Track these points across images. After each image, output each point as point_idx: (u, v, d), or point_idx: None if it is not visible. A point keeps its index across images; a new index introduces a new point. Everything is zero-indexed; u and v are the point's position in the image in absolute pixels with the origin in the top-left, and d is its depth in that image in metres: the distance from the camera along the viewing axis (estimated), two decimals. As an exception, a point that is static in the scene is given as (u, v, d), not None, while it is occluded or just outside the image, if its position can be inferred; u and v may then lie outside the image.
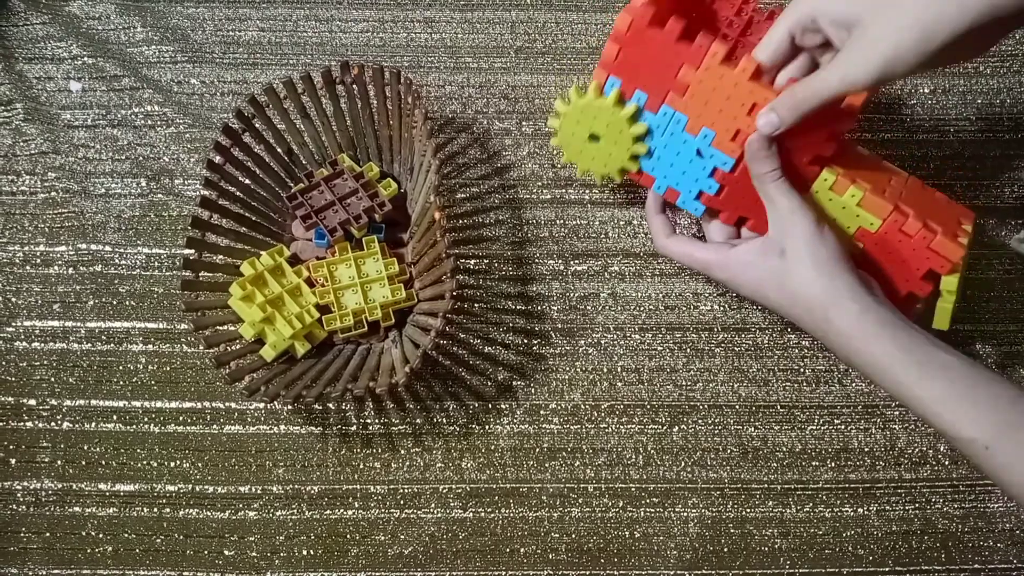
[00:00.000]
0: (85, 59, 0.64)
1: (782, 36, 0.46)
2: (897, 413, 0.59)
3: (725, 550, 0.56)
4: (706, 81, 0.47)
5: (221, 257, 0.57)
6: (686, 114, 0.49)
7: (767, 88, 0.46)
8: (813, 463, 0.58)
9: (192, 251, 0.54)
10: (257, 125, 0.58)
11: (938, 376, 0.42)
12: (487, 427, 0.58)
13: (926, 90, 0.65)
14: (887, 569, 0.56)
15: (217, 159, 0.55)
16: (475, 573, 0.56)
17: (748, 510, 0.57)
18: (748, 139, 0.47)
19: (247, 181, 0.58)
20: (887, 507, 0.57)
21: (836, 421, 0.59)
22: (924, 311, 0.51)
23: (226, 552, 0.56)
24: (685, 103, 0.49)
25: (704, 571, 0.56)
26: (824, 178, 0.49)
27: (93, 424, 0.58)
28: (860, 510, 0.57)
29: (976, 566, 0.56)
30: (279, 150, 0.60)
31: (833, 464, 0.58)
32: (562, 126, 0.53)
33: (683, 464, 0.58)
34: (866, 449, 0.58)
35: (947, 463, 0.58)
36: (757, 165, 0.47)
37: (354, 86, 0.58)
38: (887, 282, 0.51)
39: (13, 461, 0.58)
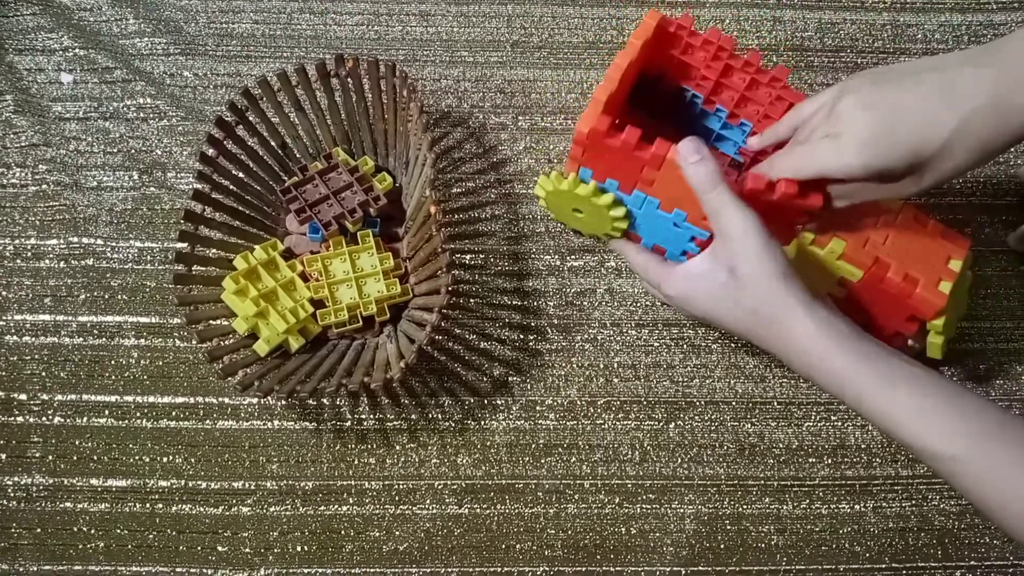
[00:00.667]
0: (76, 51, 0.64)
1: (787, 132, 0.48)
2: (894, 409, 0.59)
3: (722, 547, 0.56)
4: (668, 181, 0.47)
5: (214, 251, 0.56)
6: (657, 198, 0.50)
7: None
8: (810, 460, 0.58)
9: (185, 244, 0.53)
10: (251, 118, 0.57)
11: (901, 387, 0.40)
12: (483, 423, 0.58)
13: (924, 86, 0.65)
14: (883, 566, 0.56)
15: (210, 152, 0.55)
16: (470, 569, 0.55)
17: (745, 507, 0.57)
18: (677, 147, 0.44)
19: (240, 174, 0.58)
20: (884, 504, 0.57)
21: (833, 417, 0.58)
22: (919, 348, 0.52)
23: (219, 548, 0.56)
24: (654, 191, 0.49)
25: (700, 568, 0.56)
26: (804, 236, 0.50)
27: (85, 419, 0.58)
28: (857, 507, 0.57)
29: (972, 563, 0.56)
30: (273, 143, 0.59)
31: (830, 461, 0.58)
32: (546, 197, 0.54)
33: (680, 460, 0.57)
34: (863, 446, 0.58)
35: (944, 460, 0.58)
36: (692, 172, 0.43)
37: (349, 79, 0.58)
38: (874, 320, 0.52)
39: (3, 456, 0.57)
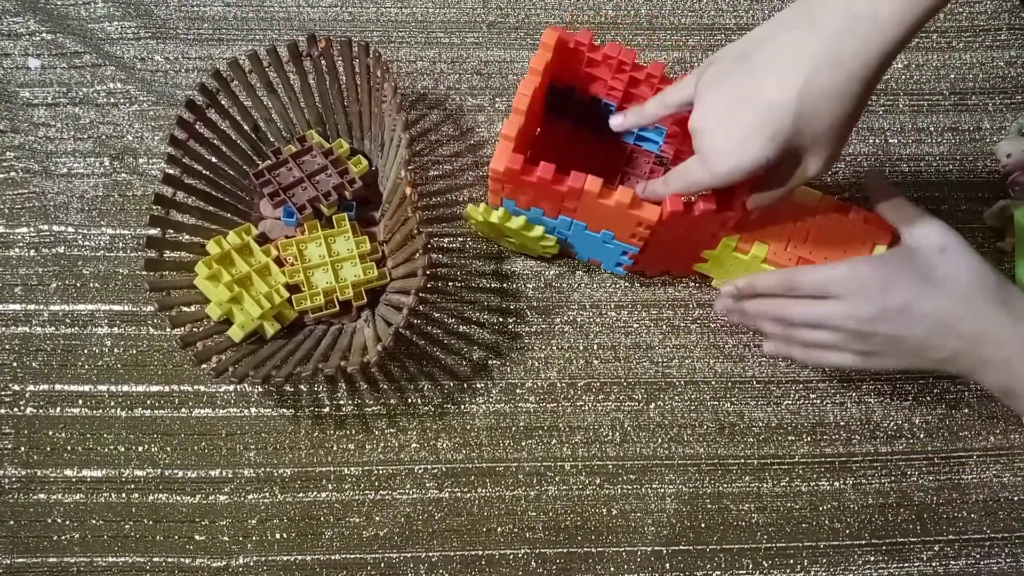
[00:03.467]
0: (44, 35, 0.62)
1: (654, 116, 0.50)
2: (873, 387, 0.59)
3: (702, 525, 0.56)
4: (589, 207, 0.49)
5: (187, 236, 0.56)
6: (582, 222, 0.52)
7: (647, 209, 0.48)
8: (789, 438, 0.58)
9: (156, 229, 0.52)
10: (222, 100, 0.56)
11: None
12: (462, 407, 0.58)
13: (900, 65, 0.65)
14: (863, 542, 0.56)
15: (181, 135, 0.54)
16: (452, 553, 0.55)
17: (725, 485, 0.57)
18: (867, 178, 0.50)
19: (212, 158, 0.57)
20: (863, 480, 0.57)
21: (812, 395, 0.59)
22: None
23: (197, 537, 0.55)
24: (578, 216, 0.51)
25: (681, 547, 0.56)
26: (725, 243, 0.52)
27: (58, 409, 0.57)
28: (836, 484, 0.57)
29: (951, 537, 0.56)
30: (245, 126, 0.58)
31: (809, 438, 0.58)
32: (476, 224, 0.56)
33: (660, 441, 0.57)
34: (842, 423, 0.58)
35: (922, 436, 0.58)
36: (882, 206, 0.49)
37: (321, 60, 0.57)
38: None
39: (-25, 448, 0.56)
